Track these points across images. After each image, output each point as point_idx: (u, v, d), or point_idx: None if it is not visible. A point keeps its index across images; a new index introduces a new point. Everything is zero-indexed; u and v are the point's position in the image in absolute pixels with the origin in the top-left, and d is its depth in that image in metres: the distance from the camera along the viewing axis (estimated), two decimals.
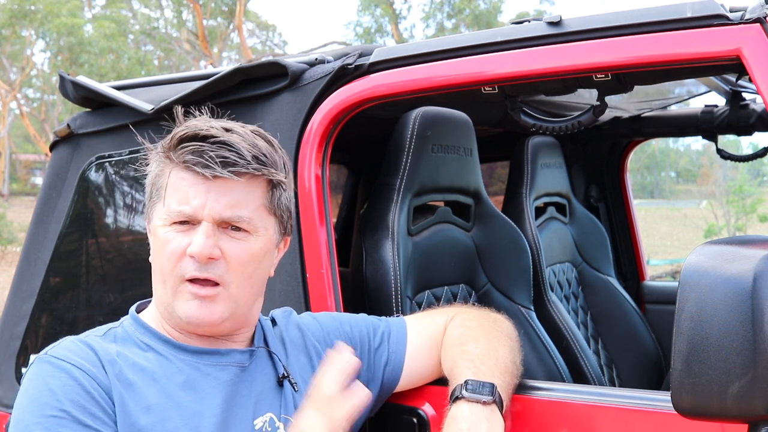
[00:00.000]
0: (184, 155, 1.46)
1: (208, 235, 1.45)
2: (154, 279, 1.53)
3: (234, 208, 1.47)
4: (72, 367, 1.40)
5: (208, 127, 1.48)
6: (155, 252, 1.52)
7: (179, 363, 1.49)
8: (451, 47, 1.86)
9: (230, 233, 1.48)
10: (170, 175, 1.49)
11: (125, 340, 1.52)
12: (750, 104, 2.92)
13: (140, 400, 1.42)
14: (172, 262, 1.47)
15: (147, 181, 1.56)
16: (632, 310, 3.12)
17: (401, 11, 30.42)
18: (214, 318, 1.48)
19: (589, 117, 1.82)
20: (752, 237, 1.38)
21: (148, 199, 1.55)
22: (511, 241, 2.45)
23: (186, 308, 1.47)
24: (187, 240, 1.46)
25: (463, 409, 1.50)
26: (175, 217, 1.48)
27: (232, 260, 1.48)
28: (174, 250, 1.47)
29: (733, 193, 22.64)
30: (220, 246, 1.47)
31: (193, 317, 1.47)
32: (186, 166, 1.47)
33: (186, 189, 1.47)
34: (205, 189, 1.46)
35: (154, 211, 1.53)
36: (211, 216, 1.46)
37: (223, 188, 1.46)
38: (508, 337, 1.72)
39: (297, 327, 1.70)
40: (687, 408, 1.28)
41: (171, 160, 1.50)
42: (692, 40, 1.58)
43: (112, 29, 25.68)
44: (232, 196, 1.47)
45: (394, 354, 1.71)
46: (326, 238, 1.94)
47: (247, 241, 1.49)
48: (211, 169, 1.44)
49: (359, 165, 3.19)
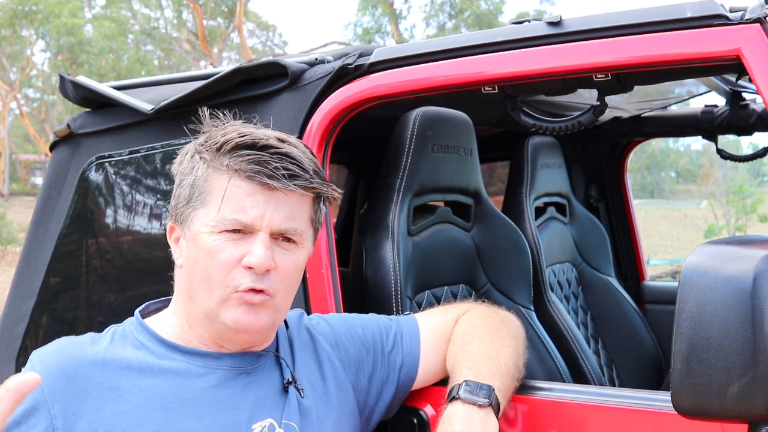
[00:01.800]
0: (244, 164, 1.44)
1: (267, 246, 1.45)
2: (191, 286, 1.49)
3: (290, 220, 1.47)
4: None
5: (265, 136, 1.48)
6: (197, 259, 1.48)
7: (168, 360, 1.49)
8: (451, 47, 1.86)
9: (282, 244, 1.48)
10: (223, 182, 1.46)
11: (123, 337, 1.52)
12: (750, 104, 2.92)
13: (121, 403, 1.42)
14: (223, 272, 1.45)
15: (182, 182, 1.52)
16: (632, 310, 3.12)
17: (401, 11, 30.42)
18: (260, 324, 1.47)
19: (589, 117, 1.82)
20: (752, 237, 1.38)
21: (185, 201, 1.51)
22: (511, 241, 2.45)
23: (235, 314, 1.46)
24: (240, 250, 1.45)
25: (458, 410, 1.50)
26: (228, 225, 1.45)
27: (282, 271, 1.47)
28: (227, 259, 1.45)
29: (733, 193, 22.65)
30: (274, 257, 1.46)
31: (242, 322, 1.46)
32: (247, 176, 1.44)
33: (243, 198, 1.45)
34: (264, 200, 1.45)
35: (195, 215, 1.49)
36: (270, 227, 1.45)
37: (280, 200, 1.46)
38: (514, 338, 1.71)
39: (307, 331, 1.68)
40: (687, 408, 1.28)
41: (225, 167, 1.46)
42: (692, 40, 1.58)
43: (112, 29, 25.68)
44: (289, 208, 1.47)
45: (408, 356, 1.71)
46: (326, 238, 1.94)
47: (295, 253, 1.50)
48: (278, 180, 1.44)
49: (359, 165, 3.19)
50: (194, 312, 1.50)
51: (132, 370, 1.46)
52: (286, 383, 1.55)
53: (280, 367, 1.58)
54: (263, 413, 1.50)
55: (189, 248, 1.50)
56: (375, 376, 1.68)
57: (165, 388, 1.45)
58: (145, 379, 1.45)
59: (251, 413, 1.49)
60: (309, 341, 1.66)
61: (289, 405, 1.53)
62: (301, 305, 1.91)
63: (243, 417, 1.48)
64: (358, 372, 1.66)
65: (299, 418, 1.53)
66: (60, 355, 1.46)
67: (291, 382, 1.55)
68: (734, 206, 22.32)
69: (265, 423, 1.50)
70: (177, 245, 1.55)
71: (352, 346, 1.68)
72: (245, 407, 1.49)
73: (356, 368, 1.67)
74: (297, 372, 1.59)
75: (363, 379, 1.67)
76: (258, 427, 1.49)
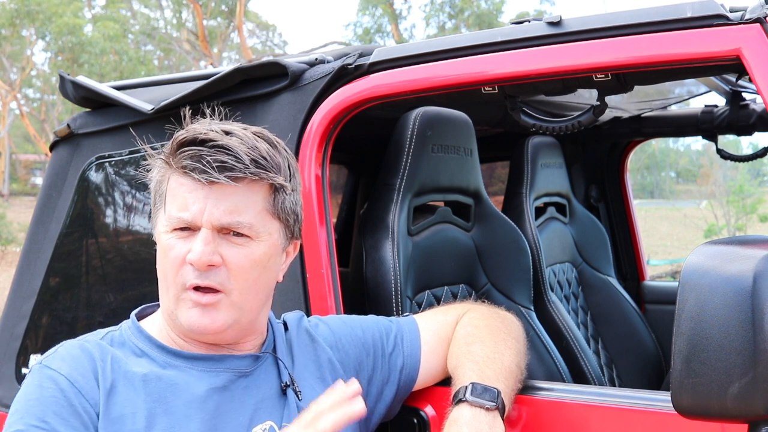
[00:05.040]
0: (182, 160, 1.44)
1: (206, 241, 1.43)
2: (160, 286, 1.52)
3: (233, 213, 1.44)
4: (61, 378, 1.41)
5: (207, 130, 1.46)
6: (159, 259, 1.50)
7: (171, 369, 1.48)
8: (451, 47, 1.86)
9: (231, 239, 1.46)
10: (170, 181, 1.48)
11: (122, 345, 1.52)
12: (750, 104, 2.92)
13: (126, 407, 1.42)
14: (174, 269, 1.46)
15: (151, 187, 1.54)
16: (632, 310, 3.12)
17: (401, 11, 30.41)
18: (216, 326, 1.46)
19: (589, 117, 1.82)
20: (752, 237, 1.38)
21: (153, 205, 1.54)
22: (511, 241, 2.45)
23: (188, 316, 1.46)
24: (187, 246, 1.45)
25: (466, 413, 1.50)
26: (175, 224, 1.46)
27: (233, 267, 1.45)
28: (176, 256, 1.46)
29: (733, 193, 22.65)
30: (221, 252, 1.44)
31: (195, 325, 1.46)
32: (184, 172, 1.44)
33: (185, 195, 1.45)
34: (204, 195, 1.44)
35: (157, 217, 1.51)
36: (210, 222, 1.44)
37: (222, 193, 1.44)
38: (516, 339, 1.71)
39: (307, 333, 1.68)
40: (687, 408, 1.28)
41: (171, 166, 1.48)
42: (692, 40, 1.58)
43: (114, 30, 25.68)
44: (231, 201, 1.44)
45: (409, 358, 1.70)
46: (326, 238, 1.94)
47: (249, 247, 1.46)
48: (208, 174, 1.41)
49: (359, 165, 3.19)
50: (164, 312, 1.52)
51: (136, 377, 1.46)
52: (284, 386, 1.54)
53: (278, 369, 1.57)
54: (263, 416, 1.50)
55: (157, 250, 1.52)
56: (375, 378, 1.68)
57: (169, 392, 1.45)
58: (149, 385, 1.45)
59: (251, 416, 1.49)
60: (309, 343, 1.66)
61: (288, 408, 1.53)
62: (301, 305, 1.91)
63: (244, 420, 1.48)
64: (358, 374, 1.66)
65: None
66: (70, 359, 1.46)
67: (288, 385, 1.55)
68: (734, 206, 22.32)
69: (266, 426, 1.49)
70: None
71: (352, 348, 1.68)
72: (245, 410, 1.49)
73: (356, 370, 1.66)
74: (297, 374, 1.58)
75: (363, 380, 1.66)
76: (258, 430, 1.48)
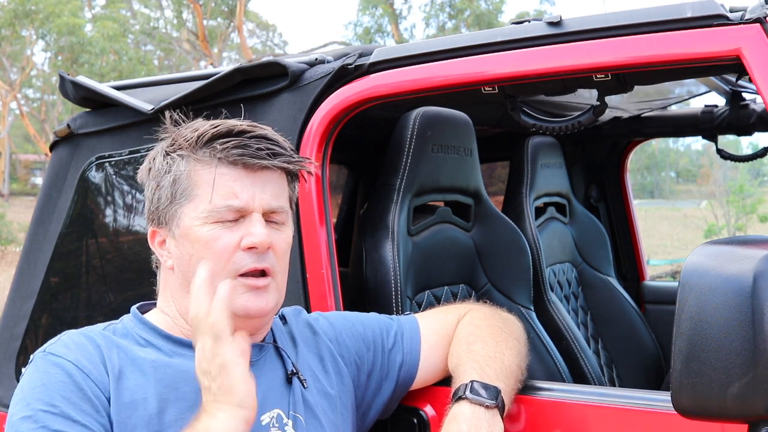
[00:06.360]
0: (227, 150, 1.46)
1: (263, 224, 1.47)
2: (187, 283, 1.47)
3: (278, 198, 1.52)
4: (68, 363, 1.41)
5: (236, 123, 1.51)
6: (192, 254, 1.47)
7: (178, 357, 1.49)
8: (451, 47, 1.86)
9: (272, 225, 1.51)
10: (208, 172, 1.47)
11: (125, 336, 1.52)
12: (750, 104, 2.92)
13: (137, 392, 1.42)
14: (224, 259, 1.46)
15: (161, 184, 1.52)
16: (632, 310, 3.12)
17: (401, 11, 30.41)
18: (270, 307, 1.50)
19: (589, 117, 1.82)
20: (752, 237, 1.38)
21: (168, 201, 1.51)
22: (511, 241, 2.45)
23: (243, 301, 1.47)
24: (236, 234, 1.46)
25: (465, 410, 1.50)
26: (223, 213, 1.46)
27: (278, 250, 1.51)
28: (226, 246, 1.46)
29: (734, 193, 22.64)
30: (269, 236, 1.49)
31: (252, 309, 1.47)
32: (231, 161, 1.47)
33: (230, 184, 1.47)
34: (251, 182, 1.48)
35: (182, 212, 1.49)
36: (262, 207, 1.48)
37: (265, 180, 1.50)
38: (517, 340, 1.72)
39: (308, 325, 1.70)
40: (687, 408, 1.28)
41: (205, 157, 1.48)
42: (692, 40, 1.58)
43: (114, 29, 25.68)
44: (273, 187, 1.51)
45: (408, 355, 1.71)
46: (326, 238, 1.94)
47: (285, 231, 1.54)
48: (264, 160, 1.47)
49: (359, 165, 3.18)
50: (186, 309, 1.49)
51: (145, 363, 1.46)
52: (290, 374, 1.56)
53: (281, 359, 1.59)
54: (270, 404, 1.52)
55: (180, 246, 1.50)
56: (374, 373, 1.69)
57: (180, 378, 1.46)
58: (159, 371, 1.46)
59: (259, 404, 1.49)
60: (311, 336, 1.68)
61: (294, 396, 1.54)
62: (301, 305, 1.91)
63: None
64: (358, 368, 1.68)
65: (304, 409, 1.54)
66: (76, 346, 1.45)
67: (294, 373, 1.56)
68: (734, 206, 22.31)
69: (273, 414, 1.51)
70: (162, 248, 1.54)
71: (352, 343, 1.69)
72: None
73: (356, 364, 1.68)
74: (299, 365, 1.60)
75: (362, 375, 1.68)
76: (266, 417, 1.50)
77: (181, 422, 1.40)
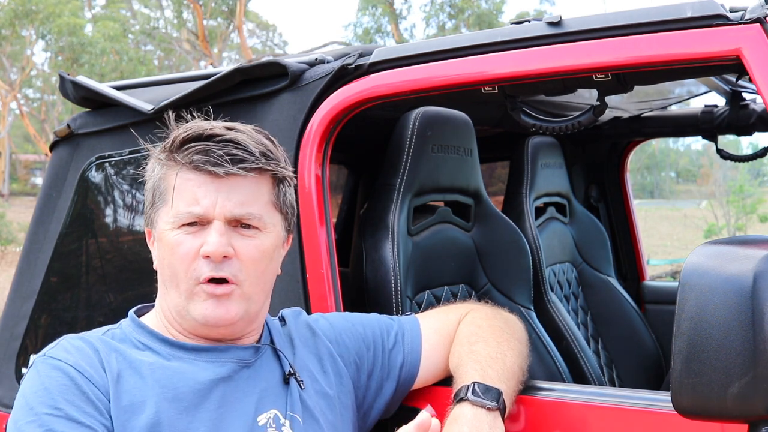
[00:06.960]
0: (190, 155, 1.46)
1: (221, 233, 1.46)
2: (163, 285, 1.53)
3: (244, 205, 1.48)
4: (68, 367, 1.42)
5: (210, 126, 1.49)
6: (164, 257, 1.51)
7: (176, 360, 1.50)
8: (451, 47, 1.86)
9: (241, 231, 1.49)
10: (176, 178, 1.49)
11: (123, 341, 1.53)
12: (750, 104, 2.92)
13: (135, 394, 1.43)
14: (185, 265, 1.47)
15: (147, 187, 1.55)
16: (632, 310, 3.12)
17: (401, 11, 30.40)
18: (230, 316, 1.48)
19: (589, 117, 1.82)
20: (752, 237, 1.38)
21: (150, 204, 1.54)
22: (511, 241, 2.45)
23: (202, 309, 1.47)
24: (198, 241, 1.46)
25: (467, 412, 1.50)
26: (184, 219, 1.47)
27: (244, 258, 1.48)
28: (187, 252, 1.47)
29: (734, 193, 22.64)
30: (233, 244, 1.47)
31: (210, 317, 1.47)
32: (194, 167, 1.47)
33: (194, 189, 1.47)
34: (215, 188, 1.46)
35: (158, 216, 1.52)
36: (223, 214, 1.46)
37: (232, 186, 1.47)
38: (518, 340, 1.71)
39: (307, 327, 1.70)
40: (687, 408, 1.28)
41: (175, 162, 1.49)
42: (692, 40, 1.58)
43: (114, 29, 25.68)
44: (242, 193, 1.48)
45: (409, 355, 1.71)
46: (326, 238, 1.94)
47: (258, 238, 1.50)
48: (222, 167, 1.45)
49: (359, 165, 3.18)
50: (167, 309, 1.53)
51: (143, 365, 1.47)
52: (287, 374, 1.56)
53: (278, 360, 1.59)
54: (267, 405, 1.52)
55: (159, 248, 1.53)
56: (375, 374, 1.68)
57: (177, 379, 1.47)
58: (156, 373, 1.47)
59: (256, 405, 1.51)
60: (310, 337, 1.67)
61: (291, 397, 1.54)
62: (301, 305, 1.91)
63: (249, 409, 1.50)
64: (358, 368, 1.67)
65: (301, 410, 1.54)
66: (75, 350, 1.46)
67: (291, 374, 1.56)
68: (734, 206, 22.31)
69: (270, 414, 1.51)
70: (153, 248, 1.57)
71: (352, 343, 1.69)
72: (250, 399, 1.51)
73: (356, 365, 1.68)
74: (298, 366, 1.60)
75: (363, 375, 1.67)
76: (263, 418, 1.50)
77: (178, 423, 1.41)
